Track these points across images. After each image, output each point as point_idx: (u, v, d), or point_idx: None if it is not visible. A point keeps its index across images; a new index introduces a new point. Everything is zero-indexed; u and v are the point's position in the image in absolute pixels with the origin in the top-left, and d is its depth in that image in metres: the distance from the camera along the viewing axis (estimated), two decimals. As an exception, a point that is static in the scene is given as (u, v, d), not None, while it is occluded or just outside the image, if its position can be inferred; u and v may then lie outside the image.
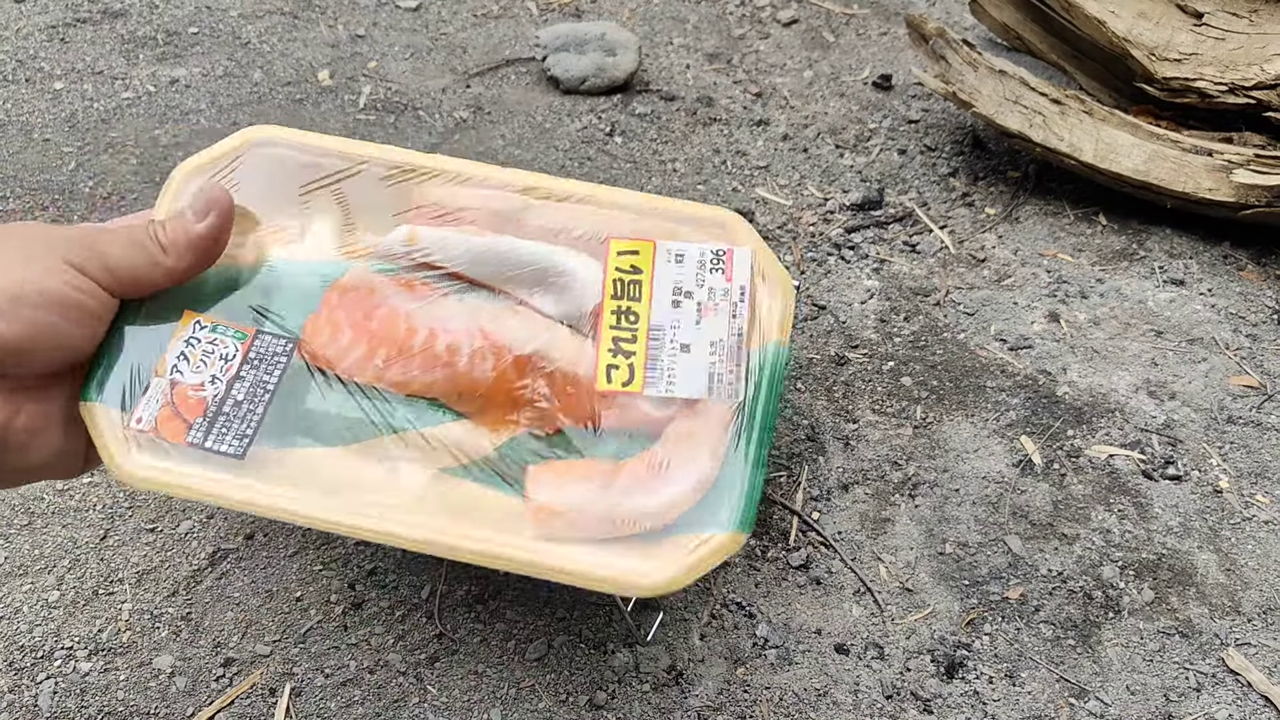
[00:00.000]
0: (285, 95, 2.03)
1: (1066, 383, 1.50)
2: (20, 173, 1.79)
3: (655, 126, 2.01)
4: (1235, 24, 1.81)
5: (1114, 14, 1.85)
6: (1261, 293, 1.67)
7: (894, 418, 1.44)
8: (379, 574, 1.21)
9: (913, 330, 1.59)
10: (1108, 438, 1.42)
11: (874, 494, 1.34)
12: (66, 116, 1.92)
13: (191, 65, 2.09)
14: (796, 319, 1.60)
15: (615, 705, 1.10)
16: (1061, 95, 1.79)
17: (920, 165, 1.94)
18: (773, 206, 1.82)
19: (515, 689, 1.11)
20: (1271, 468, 1.38)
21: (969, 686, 1.13)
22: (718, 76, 2.16)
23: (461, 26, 2.28)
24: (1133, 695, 1.13)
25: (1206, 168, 1.70)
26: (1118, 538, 1.29)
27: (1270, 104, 1.72)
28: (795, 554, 1.25)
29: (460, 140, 1.94)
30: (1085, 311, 1.63)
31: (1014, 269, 1.71)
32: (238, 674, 1.11)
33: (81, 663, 1.11)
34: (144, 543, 1.24)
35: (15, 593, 1.18)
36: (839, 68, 2.20)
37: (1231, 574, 1.25)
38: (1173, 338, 1.58)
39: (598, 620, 1.17)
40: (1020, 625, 1.19)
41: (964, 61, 1.83)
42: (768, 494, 1.32)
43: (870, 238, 1.76)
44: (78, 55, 2.09)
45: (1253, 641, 1.18)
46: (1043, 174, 1.91)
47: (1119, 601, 1.22)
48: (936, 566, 1.25)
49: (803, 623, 1.18)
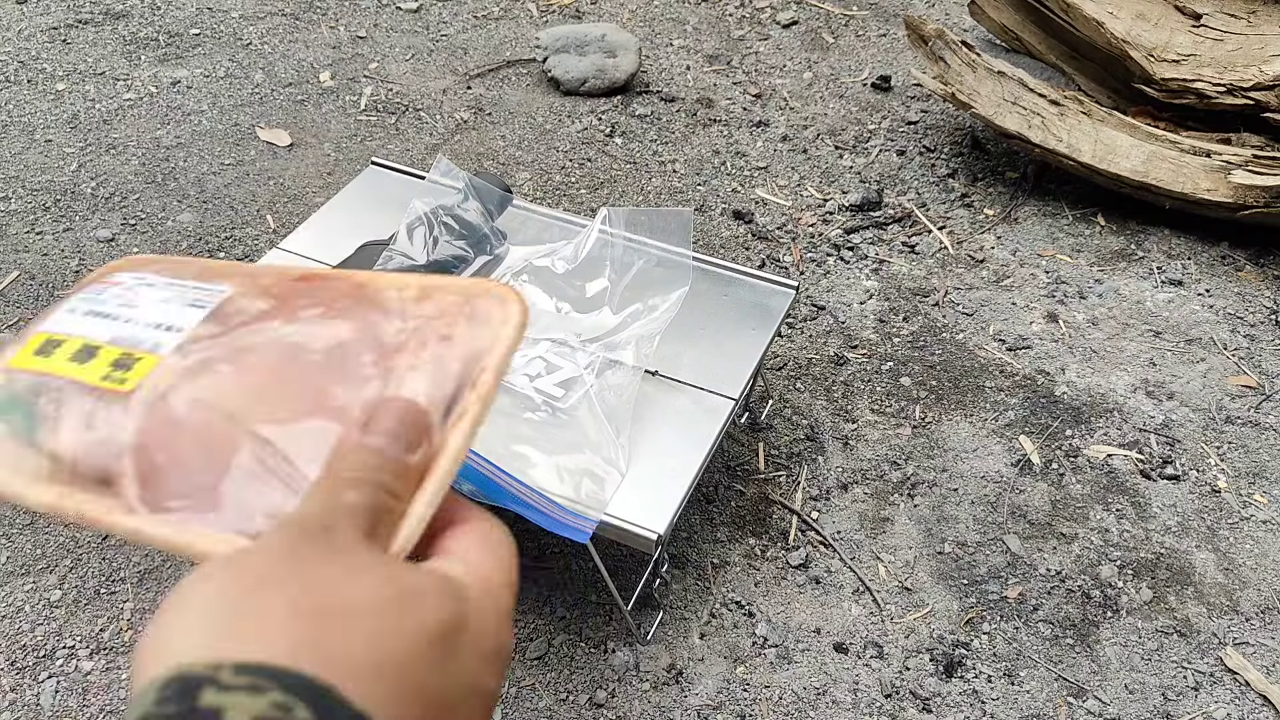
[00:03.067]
0: (286, 96, 2.03)
1: (1065, 383, 1.51)
2: (22, 173, 1.79)
3: (655, 127, 2.01)
4: (1233, 25, 1.82)
5: (1113, 15, 1.85)
6: (1259, 293, 1.67)
7: (893, 418, 1.45)
8: (380, 573, 1.21)
9: (912, 330, 1.59)
10: (1106, 438, 1.42)
11: (873, 494, 1.34)
12: (68, 117, 1.93)
13: (193, 66, 2.09)
14: (795, 319, 1.60)
15: (615, 704, 1.10)
16: (1060, 96, 1.79)
17: (919, 166, 1.94)
18: (772, 207, 1.83)
19: (515, 688, 1.11)
20: (1269, 467, 1.39)
21: (968, 685, 1.13)
22: (717, 78, 2.16)
23: (462, 28, 2.29)
24: (1131, 694, 1.13)
25: (1205, 168, 1.70)
26: (1116, 537, 1.29)
27: (1268, 105, 1.73)
28: (795, 553, 1.26)
29: (461, 141, 1.94)
30: (1084, 312, 1.63)
31: (1012, 269, 1.71)
32: (239, 673, 1.12)
33: (83, 662, 1.12)
34: (146, 542, 1.24)
35: (17, 592, 1.18)
36: (838, 69, 2.21)
37: (1229, 573, 1.26)
38: (1171, 338, 1.59)
39: (598, 620, 1.17)
40: (1019, 624, 1.20)
41: (963, 63, 1.84)
42: (767, 494, 1.32)
43: (869, 238, 1.77)
44: (80, 56, 2.09)
45: (1251, 641, 1.19)
46: (1041, 175, 1.91)
47: (1117, 601, 1.22)
48: (935, 566, 1.26)
49: (802, 622, 1.19)
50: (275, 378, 0.69)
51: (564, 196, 1.82)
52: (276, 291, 0.72)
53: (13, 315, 1.52)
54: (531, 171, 1.88)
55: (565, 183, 1.86)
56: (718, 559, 1.24)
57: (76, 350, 0.68)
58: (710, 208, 1.82)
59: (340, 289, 0.72)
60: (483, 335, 0.62)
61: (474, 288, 0.68)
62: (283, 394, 0.67)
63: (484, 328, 0.63)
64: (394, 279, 0.73)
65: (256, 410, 0.66)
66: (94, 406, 0.66)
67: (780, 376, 1.50)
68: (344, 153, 1.89)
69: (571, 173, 1.88)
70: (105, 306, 0.75)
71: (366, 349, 0.69)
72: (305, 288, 0.74)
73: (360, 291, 0.73)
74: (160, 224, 1.71)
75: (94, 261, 1.62)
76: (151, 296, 0.76)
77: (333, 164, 1.86)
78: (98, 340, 0.69)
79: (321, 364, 0.68)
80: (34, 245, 1.65)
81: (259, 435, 0.63)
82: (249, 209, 1.75)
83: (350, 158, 1.88)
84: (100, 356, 0.65)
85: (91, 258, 1.63)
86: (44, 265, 1.61)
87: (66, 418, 0.68)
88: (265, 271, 0.76)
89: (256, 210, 1.75)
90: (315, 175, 1.84)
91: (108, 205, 1.74)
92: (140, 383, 0.69)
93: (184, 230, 1.70)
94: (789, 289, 1.30)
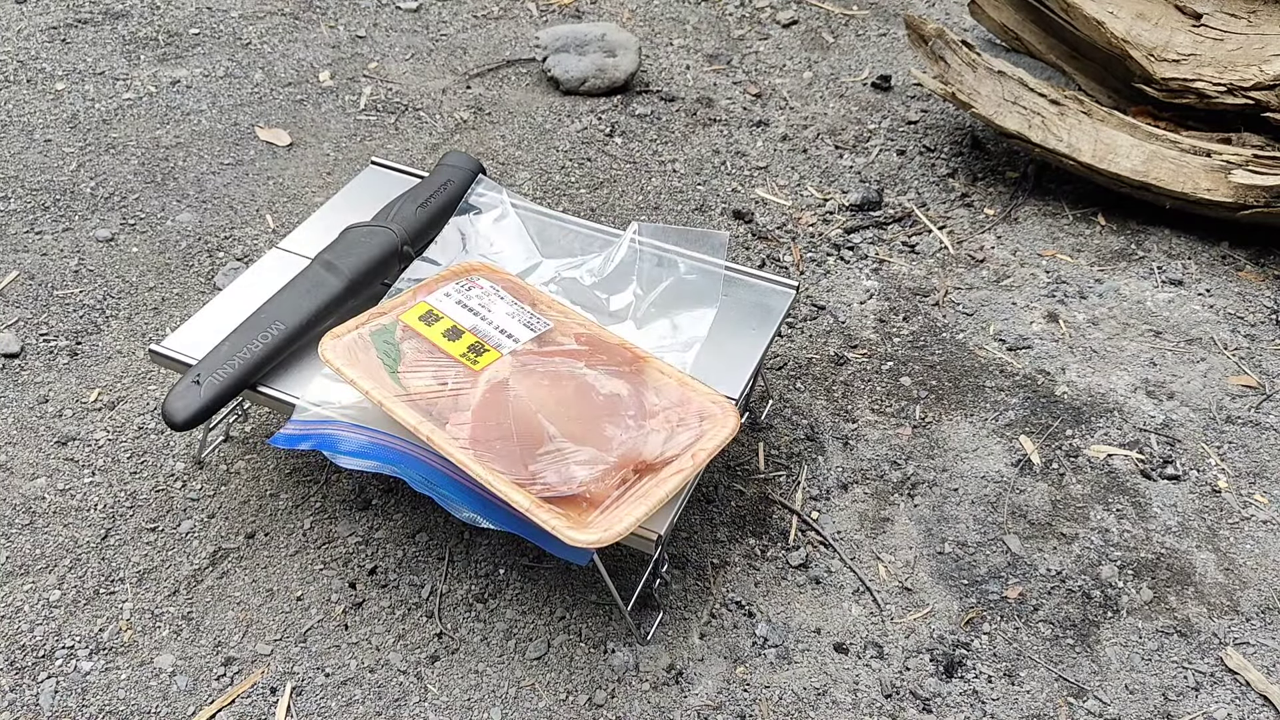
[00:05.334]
0: (286, 96, 2.03)
1: (1065, 382, 1.51)
2: (22, 173, 1.79)
3: (655, 127, 2.01)
4: (1234, 25, 1.81)
5: (1113, 15, 1.85)
6: (1260, 293, 1.67)
7: (893, 417, 1.45)
8: (379, 573, 1.21)
9: (912, 330, 1.59)
10: (1106, 437, 1.42)
11: (873, 493, 1.34)
12: (68, 117, 1.93)
13: (193, 66, 2.09)
14: (795, 319, 1.60)
15: (615, 704, 1.10)
16: (1060, 96, 1.79)
17: (919, 166, 1.94)
18: (772, 207, 1.83)
19: (515, 688, 1.11)
20: (1270, 467, 1.39)
21: (968, 685, 1.13)
22: (717, 77, 2.16)
23: (462, 27, 2.29)
24: (1131, 694, 1.13)
25: (1205, 168, 1.70)
26: (1116, 537, 1.29)
27: (1268, 104, 1.73)
28: (795, 553, 1.26)
29: (461, 141, 1.94)
30: (1084, 312, 1.63)
31: (1013, 269, 1.71)
32: (238, 673, 1.12)
33: (82, 662, 1.12)
34: (145, 542, 1.24)
35: (17, 592, 1.18)
36: (838, 69, 2.20)
37: (1230, 573, 1.26)
38: (1171, 338, 1.59)
39: (597, 620, 1.17)
40: (1019, 624, 1.20)
41: (963, 62, 1.84)
42: (767, 494, 1.32)
43: (869, 238, 1.77)
44: (79, 56, 2.09)
45: (1251, 641, 1.19)
46: (1041, 174, 1.91)
47: (1118, 601, 1.22)
48: (935, 566, 1.26)
49: (802, 622, 1.19)
50: (572, 401, 1.03)
51: (563, 196, 1.82)
52: (584, 340, 1.11)
53: (12, 315, 1.52)
54: (531, 171, 1.88)
55: (565, 182, 1.86)
56: (717, 559, 1.24)
57: (448, 329, 1.09)
58: (710, 208, 1.82)
59: (626, 356, 1.11)
60: (706, 430, 1.04)
61: (713, 397, 1.09)
62: (576, 415, 1.02)
63: (709, 425, 1.05)
64: (664, 366, 1.13)
65: (557, 418, 1.01)
66: (454, 372, 1.05)
67: (780, 376, 1.50)
68: (343, 152, 1.89)
69: (571, 172, 1.88)
70: (470, 302, 1.13)
71: (632, 406, 1.04)
72: (604, 345, 1.12)
73: (639, 363, 1.12)
74: (160, 224, 1.71)
75: (93, 261, 1.62)
76: (501, 308, 1.14)
77: (332, 164, 1.86)
78: (463, 326, 1.09)
79: (602, 405, 1.03)
80: (33, 245, 1.65)
81: (556, 437, 0.99)
82: (248, 209, 1.75)
83: (350, 157, 1.88)
84: (462, 339, 1.07)
85: (91, 258, 1.63)
86: (43, 265, 1.61)
87: (424, 370, 1.06)
88: (575, 318, 1.18)
89: (256, 210, 1.75)
90: (315, 175, 1.83)
91: (107, 205, 1.74)
92: (486, 367, 1.06)
93: (183, 230, 1.70)
94: (789, 289, 1.30)
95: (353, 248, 1.25)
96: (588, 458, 0.98)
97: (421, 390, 1.04)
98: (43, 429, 1.36)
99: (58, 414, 1.38)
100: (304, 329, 1.17)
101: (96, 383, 1.43)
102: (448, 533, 1.25)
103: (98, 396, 1.41)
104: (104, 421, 1.38)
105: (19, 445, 1.34)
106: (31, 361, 1.46)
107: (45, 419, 1.38)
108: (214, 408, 1.11)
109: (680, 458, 1.01)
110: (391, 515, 1.27)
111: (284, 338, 1.16)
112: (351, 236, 1.27)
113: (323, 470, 1.32)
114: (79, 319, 1.53)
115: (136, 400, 1.41)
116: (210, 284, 1.60)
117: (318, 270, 1.23)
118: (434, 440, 0.99)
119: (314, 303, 1.19)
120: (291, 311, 1.18)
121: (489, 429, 0.99)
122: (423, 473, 1.03)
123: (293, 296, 1.20)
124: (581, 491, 0.97)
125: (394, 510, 1.28)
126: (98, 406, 1.40)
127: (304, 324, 1.17)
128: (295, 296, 1.20)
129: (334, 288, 1.21)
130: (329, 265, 1.23)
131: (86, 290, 1.57)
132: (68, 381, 1.43)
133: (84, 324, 1.52)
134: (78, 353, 1.47)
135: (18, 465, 1.32)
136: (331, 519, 1.27)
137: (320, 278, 1.22)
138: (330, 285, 1.21)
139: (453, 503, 1.02)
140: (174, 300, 1.57)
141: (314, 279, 1.22)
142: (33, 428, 1.37)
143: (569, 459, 0.98)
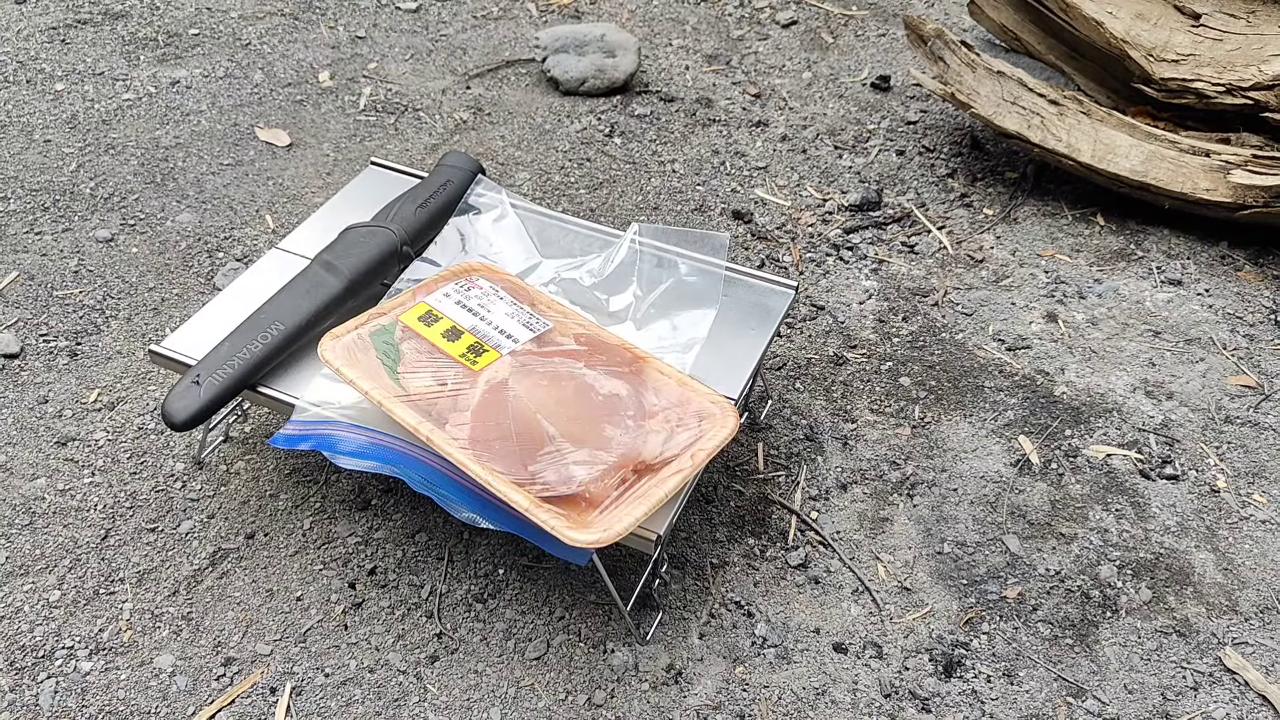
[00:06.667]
0: (286, 96, 2.03)
1: (1064, 383, 1.51)
2: (21, 173, 1.79)
3: (654, 127, 2.01)
4: (1233, 25, 1.82)
5: (1112, 15, 1.85)
6: (1259, 293, 1.67)
7: (892, 418, 1.45)
8: (379, 573, 1.21)
9: (911, 330, 1.59)
10: (1105, 437, 1.42)
11: (872, 493, 1.34)
12: (68, 117, 1.93)
13: (192, 66, 2.09)
14: (795, 319, 1.60)
15: (614, 704, 1.10)
16: (1059, 96, 1.79)
17: (918, 166, 1.94)
18: (771, 207, 1.83)
19: (515, 688, 1.11)
20: (1269, 467, 1.39)
21: (967, 685, 1.13)
22: (717, 78, 2.16)
23: (461, 28, 2.29)
24: (1130, 694, 1.13)
25: (1204, 168, 1.70)
26: (1115, 537, 1.29)
27: (1268, 104, 1.73)
28: (794, 553, 1.26)
29: (460, 141, 1.94)
30: (1083, 312, 1.63)
31: (1012, 269, 1.71)
32: (238, 673, 1.12)
33: (82, 662, 1.12)
34: (145, 542, 1.24)
35: (16, 592, 1.18)
36: (838, 69, 2.21)
37: (1229, 573, 1.26)
38: (1170, 338, 1.59)
39: (597, 620, 1.17)
40: (1018, 624, 1.20)
41: (962, 62, 1.84)
42: (767, 494, 1.32)
43: (869, 238, 1.77)
44: (79, 56, 2.09)
45: (1250, 640, 1.19)
46: (1041, 175, 1.91)
47: (1117, 601, 1.22)
48: (935, 566, 1.26)
49: (801, 622, 1.19)
50: (572, 401, 1.04)
51: (563, 196, 1.82)
52: (583, 340, 1.11)
53: (12, 315, 1.52)
54: (531, 171, 1.88)
55: (564, 183, 1.86)
56: (717, 559, 1.24)
57: (447, 329, 1.09)
58: (709, 208, 1.82)
59: (625, 357, 1.12)
60: (705, 430, 1.04)
61: (712, 397, 1.09)
62: (576, 415, 1.02)
63: (708, 425, 1.05)
64: (664, 366, 1.13)
65: (557, 418, 1.01)
66: (454, 373, 1.05)
67: (780, 376, 1.50)
68: (343, 153, 1.89)
69: (571, 173, 1.88)
70: (470, 302, 1.13)
71: (631, 406, 1.04)
72: (603, 345, 1.11)
73: (639, 363, 1.12)
74: (159, 224, 1.71)
75: (93, 262, 1.62)
76: (501, 308, 1.13)
77: (332, 164, 1.86)
78: (463, 326, 1.09)
79: (601, 405, 1.04)
80: (33, 245, 1.65)
81: (555, 437, 1.00)
82: (248, 209, 1.75)
83: (349, 158, 1.88)
84: (462, 339, 1.06)
85: (90, 258, 1.63)
86: (43, 265, 1.61)
87: (423, 370, 1.06)
88: (574, 318, 1.19)
89: (255, 210, 1.75)
90: (314, 175, 1.83)
91: (107, 205, 1.74)
92: (486, 367, 1.06)
93: (183, 230, 1.70)
94: (788, 289, 1.30)
95: (352, 248, 1.25)
96: (587, 458, 0.98)
97: (421, 390, 1.04)
98: (42, 429, 1.37)
99: (57, 414, 1.39)
100: (303, 329, 1.17)
101: (96, 383, 1.43)
102: (447, 533, 1.25)
103: (97, 397, 1.41)
104: (104, 422, 1.38)
105: (19, 445, 1.34)
106: (31, 362, 1.46)
107: (45, 419, 1.38)
108: (214, 408, 1.12)
109: (679, 458, 1.02)
110: (391, 515, 1.27)
111: (283, 338, 1.16)
112: (351, 237, 1.27)
113: (322, 470, 1.32)
114: (79, 319, 1.53)
115: (136, 401, 1.41)
116: (210, 284, 1.60)
117: (317, 271, 1.23)
118: (433, 440, 0.99)
119: (313, 303, 1.19)
120: (291, 312, 1.18)
121: (488, 429, 1.00)
122: (422, 473, 1.03)
123: (292, 297, 1.20)
124: (581, 491, 0.97)
125: (393, 510, 1.28)
126: (97, 407, 1.40)
127: (303, 324, 1.17)
128: (295, 297, 1.20)
129: (333, 288, 1.21)
130: (328, 266, 1.23)
131: (86, 291, 1.58)
132: (67, 382, 1.43)
133: (84, 324, 1.52)
134: (77, 353, 1.47)
135: (18, 465, 1.32)
136: (331, 519, 1.27)
137: (320, 278, 1.22)
138: (330, 286, 1.21)
139: (452, 503, 1.02)
140: (174, 301, 1.57)
141: (313, 279, 1.22)
142: (32, 428, 1.37)
143: (568, 459, 0.98)
